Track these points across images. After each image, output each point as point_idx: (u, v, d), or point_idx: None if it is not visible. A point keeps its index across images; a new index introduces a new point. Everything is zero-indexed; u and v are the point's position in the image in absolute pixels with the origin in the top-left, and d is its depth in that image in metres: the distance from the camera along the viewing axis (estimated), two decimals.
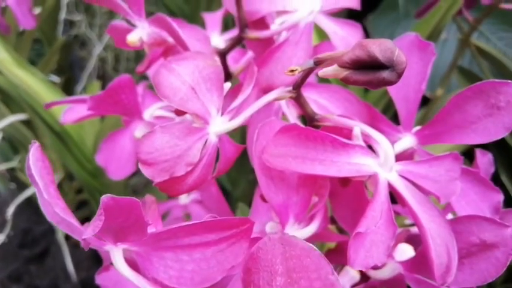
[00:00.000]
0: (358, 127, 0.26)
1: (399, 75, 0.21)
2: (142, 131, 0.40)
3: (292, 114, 0.33)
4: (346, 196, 0.29)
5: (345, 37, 0.34)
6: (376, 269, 0.28)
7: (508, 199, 0.68)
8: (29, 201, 0.85)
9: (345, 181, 0.28)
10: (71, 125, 0.69)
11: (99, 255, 0.34)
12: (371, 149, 0.27)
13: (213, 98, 0.27)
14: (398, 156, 0.33)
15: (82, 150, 0.74)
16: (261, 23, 0.34)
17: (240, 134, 0.55)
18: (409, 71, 0.32)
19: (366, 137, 0.27)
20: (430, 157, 0.28)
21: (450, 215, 0.36)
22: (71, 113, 0.45)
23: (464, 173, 0.30)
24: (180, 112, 0.27)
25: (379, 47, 0.20)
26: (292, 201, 0.27)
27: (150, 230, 0.25)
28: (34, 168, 0.23)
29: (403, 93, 0.32)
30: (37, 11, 1.00)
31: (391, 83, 0.21)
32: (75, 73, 1.23)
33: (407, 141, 0.32)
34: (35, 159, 0.24)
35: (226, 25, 0.71)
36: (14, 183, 0.98)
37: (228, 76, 0.40)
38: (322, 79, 0.29)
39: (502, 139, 0.31)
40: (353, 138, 0.26)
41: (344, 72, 0.22)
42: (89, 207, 0.97)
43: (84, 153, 0.74)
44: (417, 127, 0.33)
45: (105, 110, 0.38)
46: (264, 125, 0.28)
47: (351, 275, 0.28)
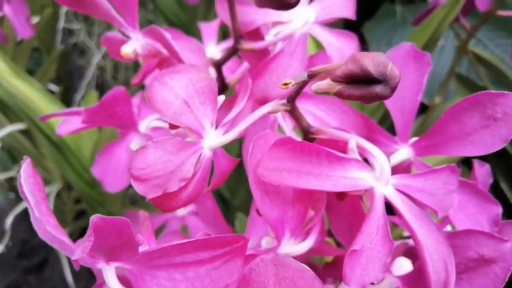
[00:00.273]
0: (354, 140, 0.26)
1: (393, 90, 0.20)
2: (138, 143, 0.40)
3: (288, 126, 0.33)
4: (343, 210, 0.29)
5: (341, 47, 0.34)
6: (373, 284, 0.27)
7: (508, 206, 0.68)
8: (27, 211, 0.85)
9: (341, 195, 0.28)
10: (69, 135, 0.69)
11: None
12: (366, 162, 0.27)
13: (206, 111, 0.27)
14: (396, 168, 0.32)
15: (80, 160, 0.74)
16: (256, 34, 0.34)
17: (238, 144, 0.55)
18: (405, 82, 0.32)
19: (362, 150, 0.27)
20: (426, 170, 0.27)
21: (449, 227, 0.35)
22: (67, 124, 0.45)
23: (462, 185, 0.30)
24: (173, 126, 0.27)
25: (372, 61, 0.20)
26: (287, 215, 0.27)
27: (144, 247, 0.25)
28: (25, 185, 0.23)
29: (399, 104, 0.32)
30: (35, 20, 1.00)
31: (384, 97, 0.20)
32: (74, 82, 1.23)
33: (404, 152, 0.32)
34: (27, 176, 0.23)
35: (225, 34, 0.71)
36: (12, 193, 0.97)
37: (224, 87, 0.39)
38: None
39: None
40: (348, 152, 0.26)
41: (337, 87, 0.22)
42: (87, 217, 0.96)
43: (82, 163, 0.74)
44: (414, 138, 0.32)
45: (99, 122, 0.38)
46: (258, 137, 0.28)
47: None
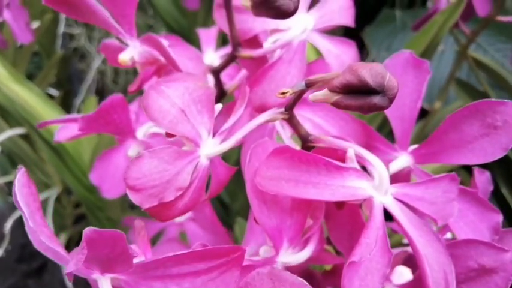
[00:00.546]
0: (352, 149, 0.26)
1: (391, 101, 0.20)
2: (135, 150, 0.39)
3: (286, 134, 0.33)
4: (342, 218, 0.29)
5: (339, 55, 0.33)
6: None
7: (509, 211, 0.68)
8: None
9: (340, 204, 0.27)
10: (68, 141, 0.68)
11: None
12: (365, 170, 0.26)
13: (203, 120, 0.26)
14: (395, 176, 0.32)
15: (79, 165, 0.74)
16: (254, 41, 0.34)
17: (238, 150, 0.55)
18: (404, 89, 0.32)
19: (360, 158, 0.26)
20: (426, 178, 0.27)
21: (449, 234, 0.35)
22: (65, 131, 0.44)
23: (462, 193, 0.29)
24: (170, 134, 0.27)
25: (370, 72, 0.20)
26: (286, 224, 0.26)
27: (140, 257, 0.25)
28: (20, 195, 0.23)
29: (399, 112, 0.32)
30: (36, 24, 1.00)
31: (382, 108, 0.20)
32: (74, 86, 1.23)
33: (403, 160, 0.32)
34: (21, 186, 0.23)
35: (224, 40, 0.71)
36: (12, 197, 0.97)
37: (222, 94, 0.39)
38: None
39: None
40: (347, 160, 0.26)
41: (334, 97, 0.22)
42: (87, 222, 0.96)
43: (81, 168, 0.74)
44: (413, 146, 0.32)
45: (96, 130, 0.37)
46: (256, 145, 0.27)
47: None
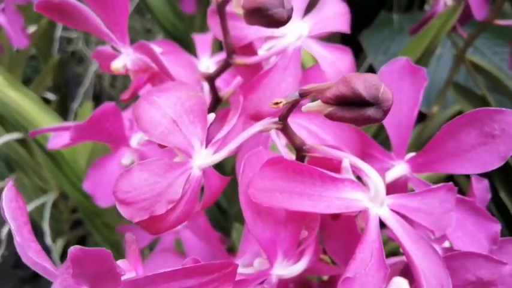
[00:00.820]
0: (347, 159, 0.25)
1: (385, 113, 0.20)
2: (129, 159, 0.39)
3: (281, 143, 0.32)
4: (337, 229, 0.28)
5: (335, 62, 0.33)
6: None
7: (508, 217, 0.67)
8: None
9: (335, 215, 0.27)
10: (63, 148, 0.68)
11: None
12: (360, 180, 0.26)
13: (196, 130, 0.26)
14: (392, 184, 0.32)
15: (75, 171, 0.74)
16: (249, 48, 0.33)
17: (235, 156, 0.54)
18: (400, 97, 0.32)
19: (356, 169, 0.26)
20: (423, 189, 0.27)
21: (447, 243, 0.34)
22: (59, 138, 0.44)
23: (460, 203, 0.29)
24: (162, 145, 0.26)
25: (364, 83, 0.19)
26: (280, 237, 0.26)
27: (130, 273, 0.24)
28: (7, 210, 0.22)
29: (395, 119, 0.31)
30: (32, 29, 0.99)
31: (376, 120, 0.20)
32: (71, 90, 1.23)
33: (400, 169, 0.31)
34: (8, 200, 0.23)
35: (221, 45, 0.70)
36: None
37: (217, 101, 0.39)
38: None
39: None
40: (342, 171, 0.25)
41: (328, 109, 0.21)
42: (84, 227, 0.95)
43: (77, 174, 0.73)
44: (410, 154, 0.32)
45: (89, 138, 0.37)
46: (250, 155, 0.27)
47: None
